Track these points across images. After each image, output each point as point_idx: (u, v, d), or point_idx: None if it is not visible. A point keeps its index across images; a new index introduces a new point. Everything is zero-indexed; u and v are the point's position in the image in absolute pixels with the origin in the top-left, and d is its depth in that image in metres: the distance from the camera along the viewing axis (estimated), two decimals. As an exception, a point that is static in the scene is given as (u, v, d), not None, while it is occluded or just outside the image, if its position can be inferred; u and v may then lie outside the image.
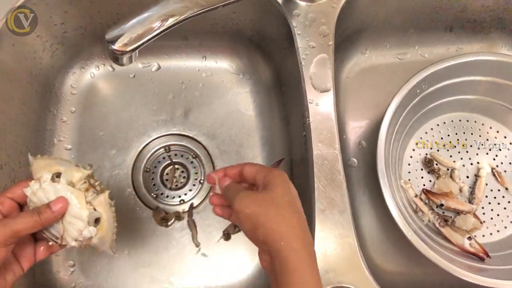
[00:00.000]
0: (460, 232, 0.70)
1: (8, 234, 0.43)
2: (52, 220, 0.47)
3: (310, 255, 0.45)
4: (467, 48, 0.85)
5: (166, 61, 0.84)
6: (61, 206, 0.47)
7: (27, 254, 0.49)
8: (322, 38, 0.67)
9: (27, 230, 0.45)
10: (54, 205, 0.47)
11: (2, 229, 0.43)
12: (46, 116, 0.78)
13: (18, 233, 0.44)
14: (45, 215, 0.46)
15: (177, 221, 0.76)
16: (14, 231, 0.44)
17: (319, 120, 0.64)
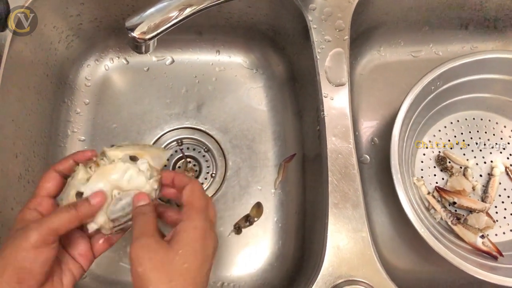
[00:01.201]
0: (473, 231, 0.70)
1: (45, 232, 0.41)
2: (90, 214, 0.45)
3: None
4: (482, 46, 0.84)
5: (180, 54, 0.85)
6: (99, 199, 0.46)
7: (83, 251, 0.48)
8: (338, 33, 0.67)
9: (65, 226, 0.43)
10: (92, 198, 0.45)
11: (38, 228, 0.41)
12: (60, 107, 0.79)
13: (56, 230, 0.42)
14: (83, 208, 0.45)
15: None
16: (51, 229, 0.42)
17: (333, 114, 0.64)
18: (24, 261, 0.40)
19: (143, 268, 0.40)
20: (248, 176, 0.79)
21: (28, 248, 0.40)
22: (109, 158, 0.48)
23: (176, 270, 0.41)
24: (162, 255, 0.41)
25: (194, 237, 0.43)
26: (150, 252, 0.41)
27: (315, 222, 0.68)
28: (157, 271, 0.40)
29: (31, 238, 0.40)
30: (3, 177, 0.62)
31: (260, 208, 0.77)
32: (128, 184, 0.47)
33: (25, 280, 0.40)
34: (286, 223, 0.76)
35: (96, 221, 0.47)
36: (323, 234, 0.59)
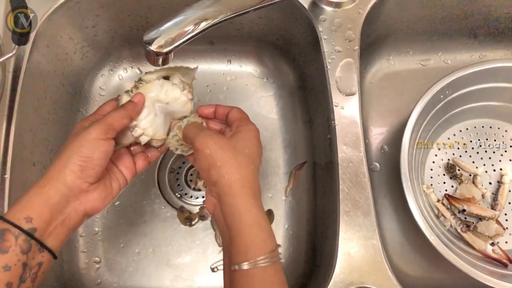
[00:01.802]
0: (483, 238, 0.70)
1: (104, 127, 0.48)
2: (135, 110, 0.53)
3: (258, 201, 0.48)
4: (491, 55, 0.85)
5: (192, 64, 0.86)
6: (139, 98, 0.53)
7: (128, 165, 0.55)
8: (348, 43, 0.68)
9: (118, 121, 0.50)
10: (134, 98, 0.54)
11: (99, 124, 0.48)
12: (75, 116, 0.80)
13: (112, 125, 0.49)
14: (129, 106, 0.52)
15: (201, 221, 0.77)
16: (108, 124, 0.49)
17: (344, 123, 0.65)
18: (88, 151, 0.47)
19: (210, 150, 0.48)
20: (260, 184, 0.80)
21: (91, 140, 0.47)
22: (146, 81, 0.56)
23: (239, 151, 0.49)
24: (226, 141, 0.50)
25: (251, 135, 0.52)
26: (215, 138, 0.50)
27: (326, 229, 0.68)
28: (223, 150, 0.48)
29: (93, 132, 0.48)
30: (22, 186, 0.64)
31: (271, 215, 0.78)
32: (166, 97, 0.55)
33: (86, 169, 0.47)
34: (297, 230, 0.77)
35: (147, 132, 0.55)
36: (335, 241, 0.60)
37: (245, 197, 0.47)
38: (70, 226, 0.47)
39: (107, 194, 0.51)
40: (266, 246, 0.45)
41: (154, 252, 0.76)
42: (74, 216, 0.47)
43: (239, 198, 0.47)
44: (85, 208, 0.48)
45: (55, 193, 0.45)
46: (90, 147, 0.47)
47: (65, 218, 0.46)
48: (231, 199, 0.47)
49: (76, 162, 0.46)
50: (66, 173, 0.46)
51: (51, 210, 0.45)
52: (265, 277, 0.44)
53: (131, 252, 0.76)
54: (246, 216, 0.46)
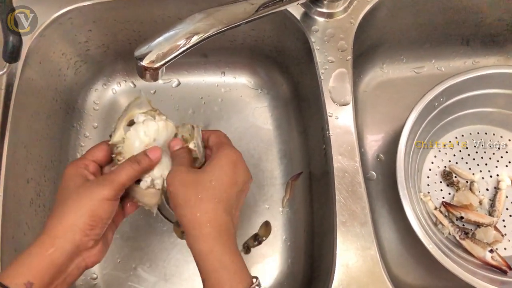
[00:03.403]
0: (481, 245, 0.70)
1: (117, 187, 0.47)
2: (150, 168, 0.51)
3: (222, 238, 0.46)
4: (484, 62, 0.85)
5: (186, 77, 0.86)
6: (158, 154, 0.51)
7: (118, 211, 0.53)
8: (340, 53, 0.69)
9: (131, 179, 0.49)
10: (151, 153, 0.51)
11: (112, 183, 0.47)
12: (69, 131, 0.80)
13: (124, 184, 0.48)
14: (144, 163, 0.50)
15: (198, 234, 0.77)
16: (121, 184, 0.48)
17: (339, 133, 0.65)
18: (99, 211, 0.46)
19: (173, 187, 0.47)
20: (256, 195, 0.79)
21: (103, 200, 0.46)
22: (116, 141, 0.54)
23: (204, 186, 0.47)
24: (192, 176, 0.48)
25: (223, 162, 0.50)
26: (182, 174, 0.48)
27: (323, 240, 0.68)
28: (186, 187, 0.47)
29: (105, 192, 0.46)
30: (16, 203, 0.63)
31: (268, 227, 0.77)
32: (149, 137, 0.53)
33: (95, 227, 0.46)
34: (294, 242, 0.76)
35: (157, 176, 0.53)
36: (332, 253, 0.60)
37: (206, 237, 0.45)
38: (70, 281, 0.47)
39: (106, 247, 0.51)
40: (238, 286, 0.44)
41: (151, 267, 0.75)
42: (75, 273, 0.47)
43: (200, 239, 0.45)
44: (87, 263, 0.48)
45: (61, 254, 0.44)
46: (101, 207, 0.46)
47: (67, 276, 0.46)
48: (192, 241, 0.46)
49: (86, 221, 0.45)
50: (76, 232, 0.45)
51: (54, 273, 0.44)
52: None
53: (128, 267, 0.75)
54: (208, 259, 0.45)
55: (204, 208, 0.46)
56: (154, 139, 0.53)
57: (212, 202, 0.47)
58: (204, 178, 0.48)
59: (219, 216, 0.47)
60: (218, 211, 0.47)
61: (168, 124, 0.55)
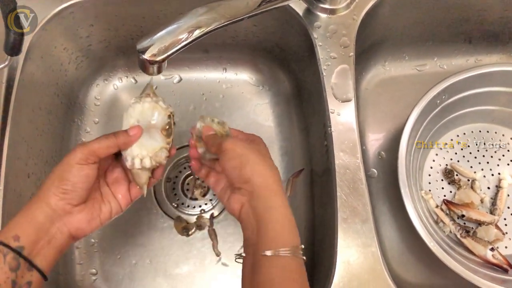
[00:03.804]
0: (482, 243, 0.70)
1: (87, 152, 0.49)
2: (127, 143, 0.52)
3: (286, 200, 0.50)
4: (486, 60, 0.85)
5: (187, 73, 0.86)
6: (136, 132, 0.53)
7: (123, 193, 0.55)
8: (343, 49, 0.68)
9: (103, 149, 0.50)
10: (130, 130, 0.53)
11: (82, 149, 0.49)
12: (71, 127, 0.80)
13: (95, 152, 0.49)
14: (121, 138, 0.52)
15: (198, 231, 0.77)
16: (91, 149, 0.49)
17: (340, 130, 0.65)
18: (69, 174, 0.48)
19: (241, 150, 0.50)
20: (257, 192, 0.79)
21: (72, 164, 0.48)
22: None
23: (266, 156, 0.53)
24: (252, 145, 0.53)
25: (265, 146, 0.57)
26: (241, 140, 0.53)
27: (324, 237, 0.68)
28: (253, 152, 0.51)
29: (75, 156, 0.48)
30: (16, 197, 0.63)
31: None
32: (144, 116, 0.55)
33: (68, 191, 0.48)
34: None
35: (138, 156, 0.54)
36: (333, 250, 0.60)
37: (278, 194, 0.49)
38: (57, 246, 0.48)
39: (93, 217, 0.52)
40: (291, 240, 0.47)
41: (151, 263, 0.75)
42: (59, 237, 0.49)
43: (274, 194, 0.49)
44: (69, 229, 0.49)
45: (40, 213, 0.47)
46: (71, 170, 0.48)
47: (51, 239, 0.48)
48: (268, 194, 0.49)
49: (58, 185, 0.48)
50: (50, 195, 0.48)
51: (36, 230, 0.46)
52: (285, 266, 0.46)
53: (128, 263, 0.75)
54: (277, 211, 0.48)
55: (274, 172, 0.51)
56: (137, 120, 0.55)
57: (277, 171, 0.51)
58: (262, 149, 0.54)
59: (279, 178, 0.51)
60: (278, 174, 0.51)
61: (156, 106, 0.56)
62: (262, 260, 0.46)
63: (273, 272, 0.46)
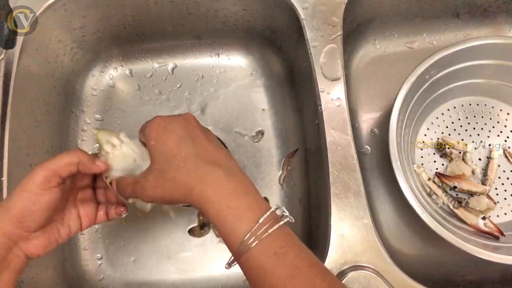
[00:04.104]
0: (474, 213, 0.72)
1: (46, 173, 0.45)
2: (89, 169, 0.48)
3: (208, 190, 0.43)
4: (475, 34, 0.86)
5: (181, 59, 0.87)
6: (102, 165, 0.49)
7: (89, 214, 0.53)
8: (331, 29, 0.69)
9: (64, 167, 0.46)
10: (98, 161, 0.49)
11: (42, 169, 0.45)
12: (69, 117, 0.81)
13: (56, 171, 0.45)
14: (86, 161, 0.48)
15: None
16: (52, 170, 0.45)
17: (331, 108, 0.66)
18: (27, 202, 0.44)
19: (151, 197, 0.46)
20: (254, 173, 0.81)
21: (32, 189, 0.44)
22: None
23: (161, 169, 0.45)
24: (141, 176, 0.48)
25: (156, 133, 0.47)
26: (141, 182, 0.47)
27: (319, 213, 0.70)
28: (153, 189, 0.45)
29: (35, 179, 0.44)
30: (19, 187, 0.65)
31: (267, 202, 0.79)
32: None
33: (26, 220, 0.44)
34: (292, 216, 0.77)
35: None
36: (327, 224, 0.62)
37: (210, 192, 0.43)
38: (15, 269, 0.45)
39: (51, 242, 0.48)
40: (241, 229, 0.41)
41: (155, 246, 0.77)
42: (16, 261, 0.45)
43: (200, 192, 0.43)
44: (25, 253, 0.46)
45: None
46: (30, 198, 0.44)
47: (9, 263, 0.45)
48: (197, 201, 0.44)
49: (15, 213, 0.44)
50: (5, 223, 0.44)
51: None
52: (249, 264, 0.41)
53: (132, 247, 0.77)
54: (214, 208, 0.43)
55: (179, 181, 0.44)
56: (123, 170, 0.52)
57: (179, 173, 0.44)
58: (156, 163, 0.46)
59: (191, 176, 0.44)
60: (189, 172, 0.44)
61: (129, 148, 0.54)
62: (241, 263, 0.43)
63: (246, 274, 0.42)
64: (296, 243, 0.42)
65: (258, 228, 0.41)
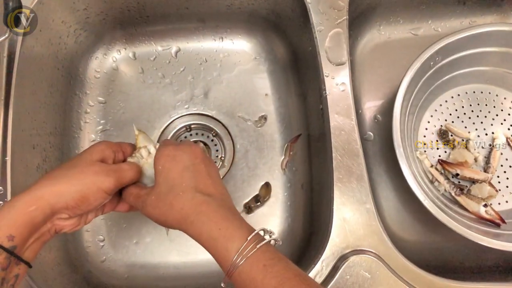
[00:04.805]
0: (476, 200, 0.72)
1: (119, 184, 0.50)
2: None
3: (201, 218, 0.47)
4: (480, 21, 0.85)
5: (185, 43, 0.87)
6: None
7: (113, 200, 0.55)
8: (336, 13, 0.69)
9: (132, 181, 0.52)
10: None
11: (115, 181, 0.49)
12: (72, 99, 0.81)
13: (125, 184, 0.51)
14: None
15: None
16: (124, 183, 0.51)
17: (335, 93, 0.66)
18: (91, 197, 0.48)
19: (154, 217, 0.50)
20: (256, 158, 0.81)
21: (101, 190, 0.48)
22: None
23: (163, 195, 0.49)
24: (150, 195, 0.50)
25: (164, 159, 0.50)
26: (147, 202, 0.50)
27: (322, 197, 0.70)
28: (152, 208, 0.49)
29: (107, 185, 0.48)
30: (23, 167, 0.65)
31: (269, 188, 0.79)
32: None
33: (79, 207, 0.48)
34: (294, 201, 0.78)
35: None
36: (330, 208, 0.62)
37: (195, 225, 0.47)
38: (44, 241, 0.48)
39: (80, 223, 0.52)
40: (229, 251, 0.44)
41: (156, 229, 0.78)
42: (47, 235, 0.48)
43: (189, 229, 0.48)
44: (56, 229, 0.49)
45: (39, 214, 0.45)
46: (95, 195, 0.48)
47: (41, 236, 0.47)
48: (184, 227, 0.48)
49: (75, 199, 0.47)
50: (60, 202, 0.46)
51: (31, 229, 0.45)
52: (241, 278, 0.44)
53: (134, 229, 0.78)
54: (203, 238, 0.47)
55: (174, 207, 0.48)
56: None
57: (176, 200, 0.48)
58: (161, 189, 0.49)
59: (187, 205, 0.48)
60: (186, 201, 0.48)
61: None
62: (234, 276, 0.44)
63: (245, 280, 0.44)
64: (282, 256, 0.45)
65: (248, 244, 0.44)
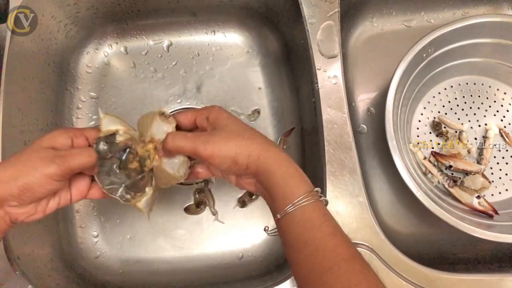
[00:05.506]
0: (469, 192, 0.72)
1: (65, 171, 0.46)
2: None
3: (281, 153, 0.49)
4: (473, 12, 0.85)
5: (177, 37, 0.86)
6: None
7: (81, 188, 0.52)
8: (328, 5, 0.69)
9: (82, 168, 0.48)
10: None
11: (60, 166, 0.46)
12: (64, 95, 0.81)
13: (73, 170, 0.47)
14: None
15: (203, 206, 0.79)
16: (70, 169, 0.47)
17: (327, 86, 0.66)
18: (35, 185, 0.45)
19: (223, 151, 0.48)
20: (250, 152, 0.81)
21: (45, 176, 0.45)
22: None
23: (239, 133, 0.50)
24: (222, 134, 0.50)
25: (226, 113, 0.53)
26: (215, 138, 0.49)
27: (315, 191, 0.70)
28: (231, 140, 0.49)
29: (51, 170, 0.45)
30: (14, 164, 0.65)
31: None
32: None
33: (25, 196, 0.45)
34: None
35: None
36: (323, 202, 0.62)
37: (272, 156, 0.49)
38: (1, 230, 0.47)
39: (37, 212, 0.49)
40: (300, 190, 0.47)
41: (151, 224, 0.78)
42: (2, 223, 0.47)
43: (269, 159, 0.48)
44: (10, 218, 0.47)
45: None
46: (39, 182, 0.45)
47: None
48: (266, 166, 0.48)
49: (19, 187, 0.45)
50: (4, 189, 0.45)
51: None
52: (303, 215, 0.47)
53: (128, 225, 0.78)
54: (277, 173, 0.48)
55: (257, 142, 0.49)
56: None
57: (256, 135, 0.50)
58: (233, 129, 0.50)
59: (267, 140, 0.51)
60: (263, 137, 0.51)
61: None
62: (282, 221, 0.48)
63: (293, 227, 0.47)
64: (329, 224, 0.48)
65: (314, 192, 0.48)
